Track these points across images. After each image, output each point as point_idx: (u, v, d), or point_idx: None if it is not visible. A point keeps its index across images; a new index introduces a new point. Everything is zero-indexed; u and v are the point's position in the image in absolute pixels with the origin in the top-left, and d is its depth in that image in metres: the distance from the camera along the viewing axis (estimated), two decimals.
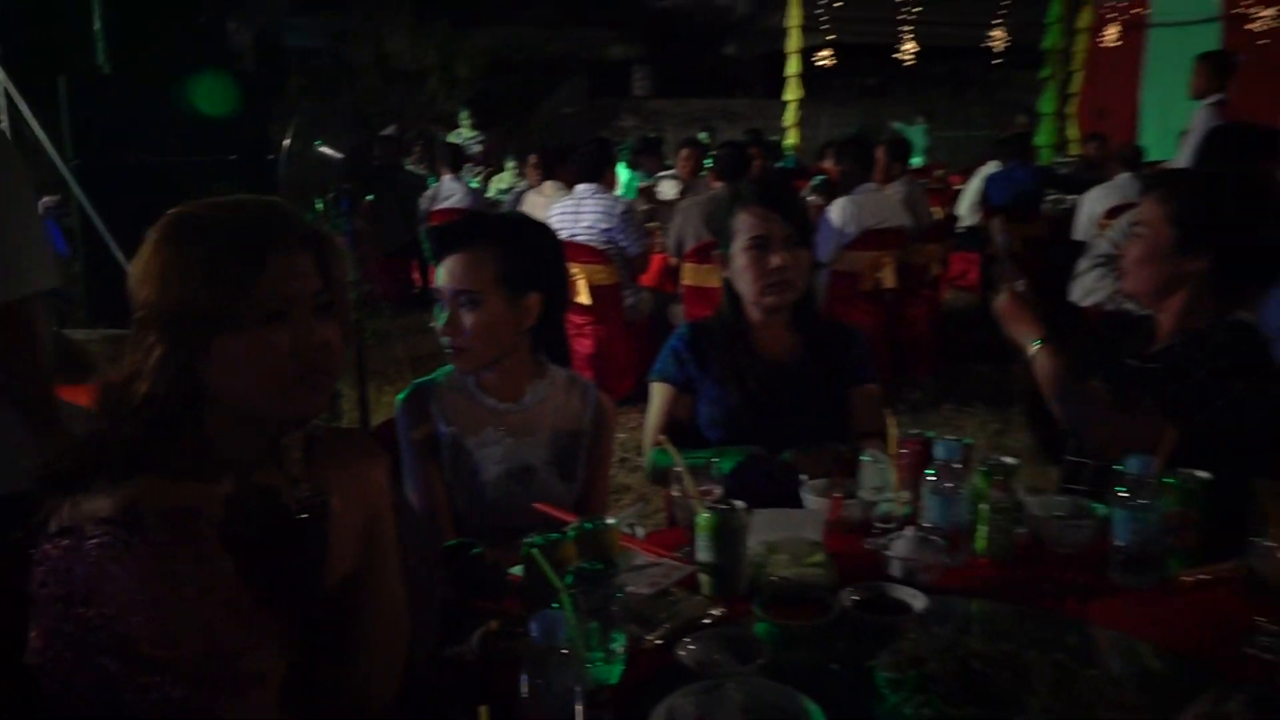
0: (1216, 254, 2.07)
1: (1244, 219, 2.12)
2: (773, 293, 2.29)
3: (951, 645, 1.35)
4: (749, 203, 2.32)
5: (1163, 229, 2.08)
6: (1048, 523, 1.82)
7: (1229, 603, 1.58)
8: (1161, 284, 2.11)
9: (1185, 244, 2.06)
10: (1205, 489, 1.69)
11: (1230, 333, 2.02)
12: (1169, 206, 2.09)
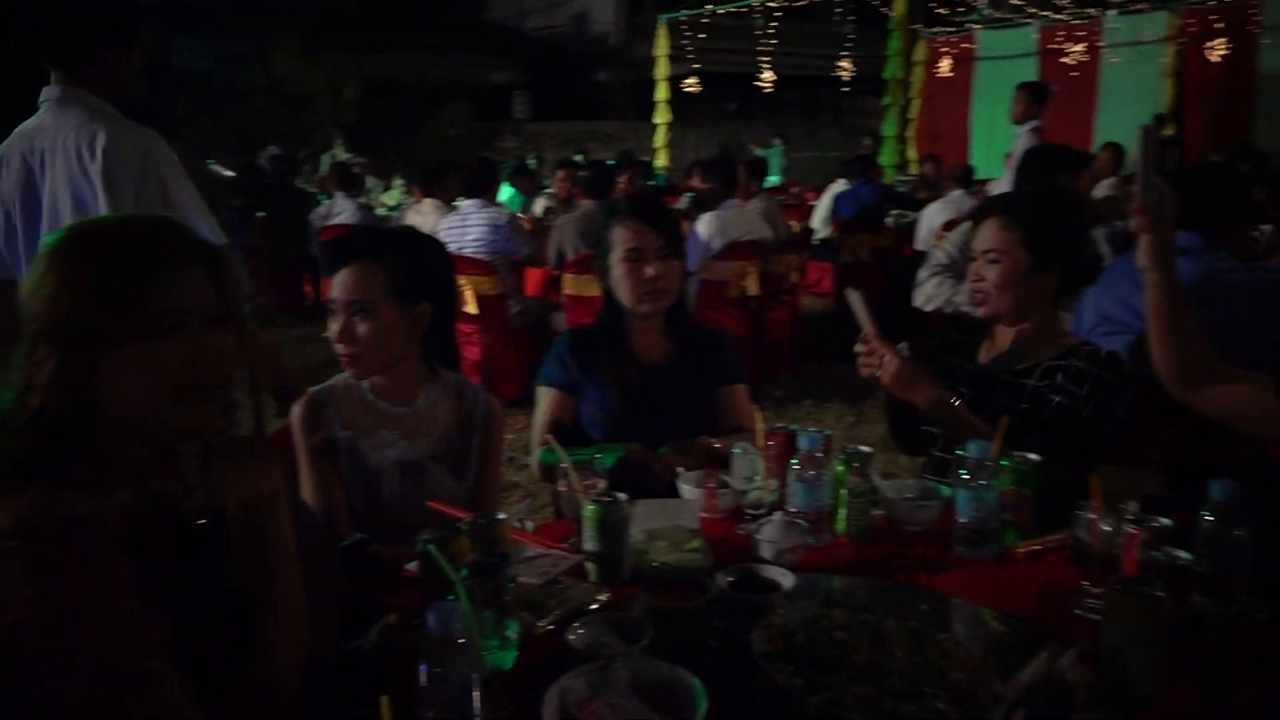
0: (1064, 268, 2.18)
1: (1076, 231, 2.24)
2: (648, 300, 2.30)
3: (817, 619, 1.38)
4: (625, 217, 2.33)
5: (1018, 253, 2.16)
6: (899, 504, 1.87)
7: (1059, 570, 1.66)
8: (1023, 304, 2.19)
9: (1039, 264, 2.16)
10: (1036, 470, 1.76)
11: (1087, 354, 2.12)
12: (1018, 232, 2.17)
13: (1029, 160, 3.55)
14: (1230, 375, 1.93)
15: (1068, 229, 2.23)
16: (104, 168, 2.36)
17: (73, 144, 2.39)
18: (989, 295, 2.21)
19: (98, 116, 2.42)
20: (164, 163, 2.44)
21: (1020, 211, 2.21)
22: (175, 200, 2.41)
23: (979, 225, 2.27)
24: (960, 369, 2.29)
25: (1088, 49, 12.88)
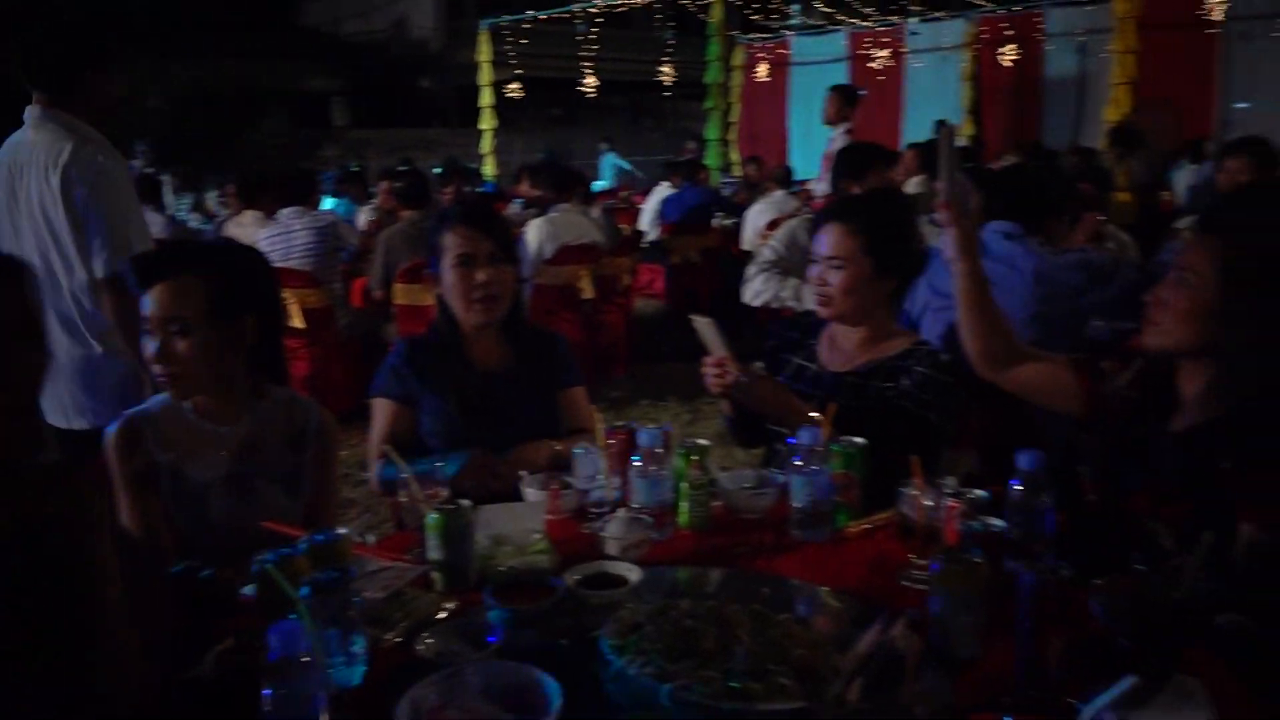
0: (902, 270, 2.29)
1: (912, 235, 2.35)
2: (480, 306, 2.29)
3: (665, 609, 1.41)
4: (456, 223, 2.31)
5: (861, 259, 2.24)
6: (737, 494, 1.93)
7: (887, 545, 1.75)
8: (866, 307, 2.28)
9: (880, 269, 2.25)
10: (863, 453, 1.86)
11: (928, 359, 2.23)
12: (860, 238, 2.24)
13: (842, 159, 3.73)
14: (1032, 355, 2.09)
15: (905, 234, 2.33)
16: (61, 180, 2.60)
17: (42, 159, 2.63)
18: (833, 299, 2.27)
19: (68, 135, 2.64)
20: (113, 178, 2.67)
21: (861, 218, 2.27)
22: (110, 211, 2.63)
23: (820, 229, 2.32)
24: (803, 369, 2.38)
25: (893, 54, 13.59)
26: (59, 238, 2.63)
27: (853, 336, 2.33)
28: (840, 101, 6.53)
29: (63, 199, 2.60)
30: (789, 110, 14.90)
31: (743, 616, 1.36)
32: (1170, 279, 1.81)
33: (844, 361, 2.32)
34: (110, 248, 2.60)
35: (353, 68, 22.90)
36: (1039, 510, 1.57)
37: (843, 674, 1.27)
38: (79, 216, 2.60)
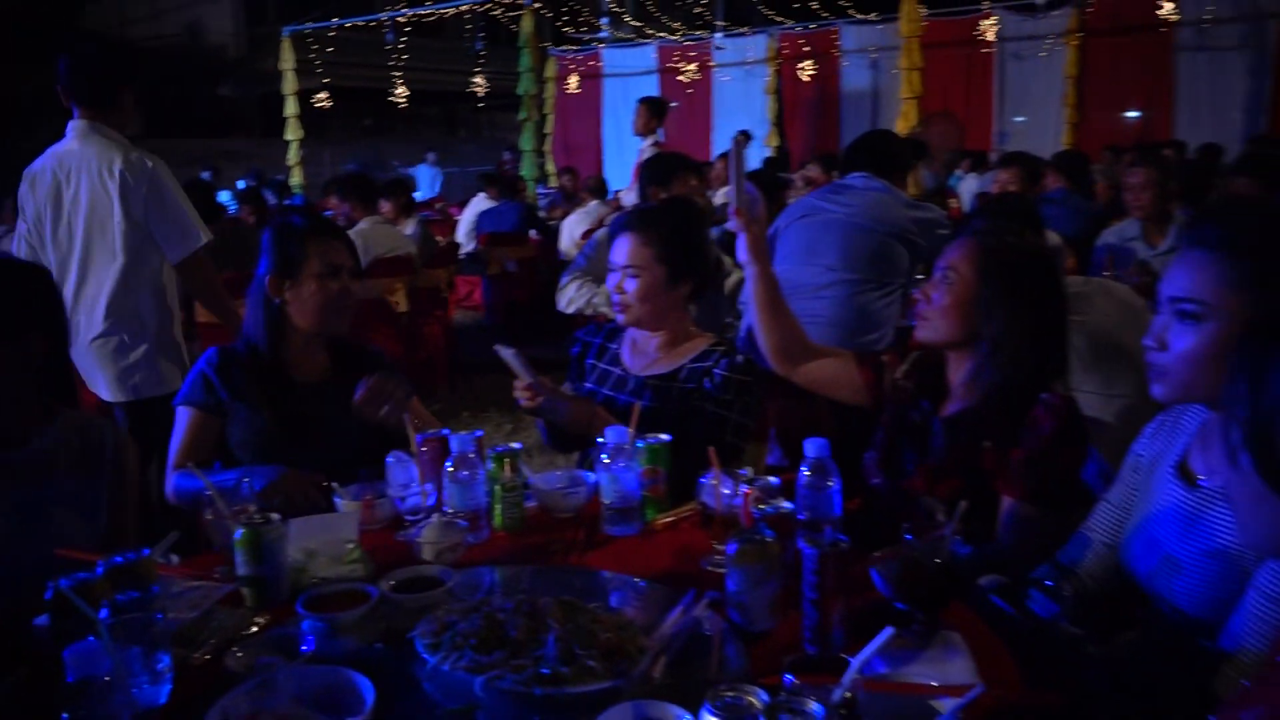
0: (695, 277, 2.39)
1: (702, 243, 2.46)
2: (340, 316, 2.31)
3: (476, 606, 1.46)
4: (320, 235, 2.31)
5: (655, 267, 2.32)
6: (550, 494, 2.00)
7: (692, 534, 1.86)
8: (662, 312, 2.36)
9: (674, 276, 2.34)
10: (668, 449, 1.96)
11: (725, 361, 2.32)
12: (654, 247, 2.32)
13: (648, 169, 3.86)
14: (821, 352, 2.26)
15: (696, 242, 2.43)
16: (120, 184, 3.10)
17: (95, 166, 3.12)
18: (631, 306, 2.36)
19: (114, 145, 3.17)
20: (165, 179, 3.16)
21: (655, 227, 2.36)
22: (170, 207, 3.16)
23: (616, 239, 2.40)
24: (608, 373, 2.46)
25: (700, 68, 14.03)
26: (106, 232, 3.12)
27: (653, 340, 2.42)
28: (648, 113, 6.72)
29: (119, 200, 3.09)
30: (603, 121, 15.13)
31: (553, 606, 1.42)
32: (936, 279, 2.00)
33: (646, 364, 2.41)
34: (179, 234, 3.16)
35: (144, 73, 21.62)
36: (826, 492, 1.71)
37: (649, 652, 1.35)
38: (137, 214, 3.11)
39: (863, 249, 3.44)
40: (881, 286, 3.45)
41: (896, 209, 3.53)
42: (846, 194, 3.59)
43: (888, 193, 3.57)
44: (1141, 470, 1.70)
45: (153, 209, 3.12)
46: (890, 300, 3.47)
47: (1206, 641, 1.44)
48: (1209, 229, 1.46)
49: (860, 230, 3.46)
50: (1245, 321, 1.41)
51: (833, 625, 1.40)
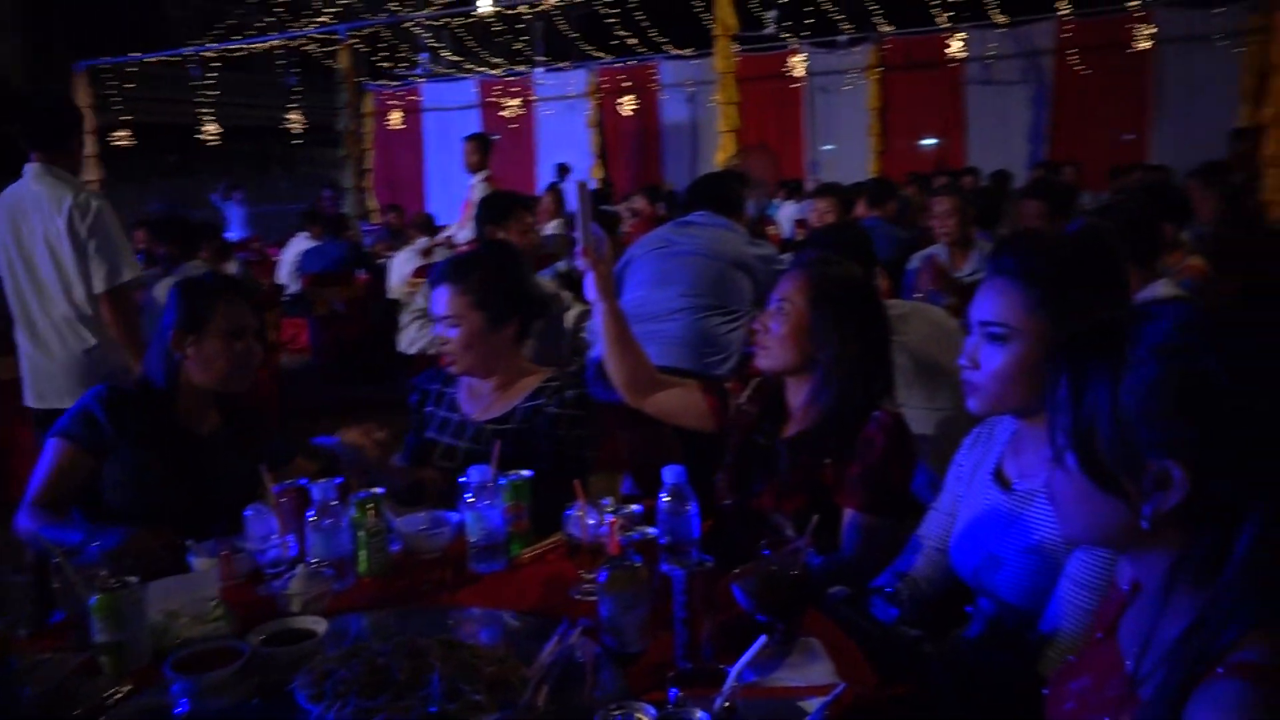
0: (519, 317, 2.44)
1: (521, 282, 2.48)
2: (242, 377, 2.31)
3: (355, 651, 1.48)
4: (232, 295, 2.32)
5: (473, 315, 2.34)
6: (414, 537, 2.01)
7: (559, 565, 1.92)
8: (489, 358, 2.39)
9: (494, 320, 2.36)
10: (530, 485, 2.02)
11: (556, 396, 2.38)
12: (470, 296, 2.35)
13: (485, 207, 3.92)
14: (668, 382, 2.37)
15: (513, 283, 2.45)
16: (66, 221, 3.46)
17: (46, 205, 3.49)
18: (457, 355, 2.38)
19: (64, 184, 3.53)
20: (104, 216, 3.51)
21: (468, 276, 2.37)
22: (107, 241, 3.49)
23: (434, 291, 2.41)
24: (448, 421, 2.48)
25: (523, 102, 14.17)
26: (62, 264, 3.50)
27: (487, 384, 2.45)
28: (478, 149, 6.77)
29: (68, 234, 3.46)
30: (425, 156, 15.05)
31: (433, 646, 1.46)
32: (773, 309, 2.15)
33: (483, 409, 2.44)
34: (110, 266, 3.49)
35: None
36: (684, 516, 1.81)
37: (530, 682, 1.41)
38: (83, 246, 3.47)
39: (709, 277, 3.63)
40: (726, 313, 3.64)
41: (739, 243, 3.74)
42: (692, 229, 3.77)
43: (729, 229, 3.76)
44: (964, 478, 1.88)
45: (92, 241, 3.48)
46: (734, 326, 3.66)
47: (1029, 629, 1.62)
48: (1008, 259, 1.65)
49: (707, 260, 3.65)
50: (1044, 341, 1.60)
51: (703, 641, 1.50)
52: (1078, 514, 1.07)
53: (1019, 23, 11.98)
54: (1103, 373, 1.02)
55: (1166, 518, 0.99)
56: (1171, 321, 1.00)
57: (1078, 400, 1.03)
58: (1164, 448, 0.98)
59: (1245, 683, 0.91)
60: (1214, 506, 0.97)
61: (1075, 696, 1.18)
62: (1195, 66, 11.34)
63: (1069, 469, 1.05)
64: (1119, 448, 1.00)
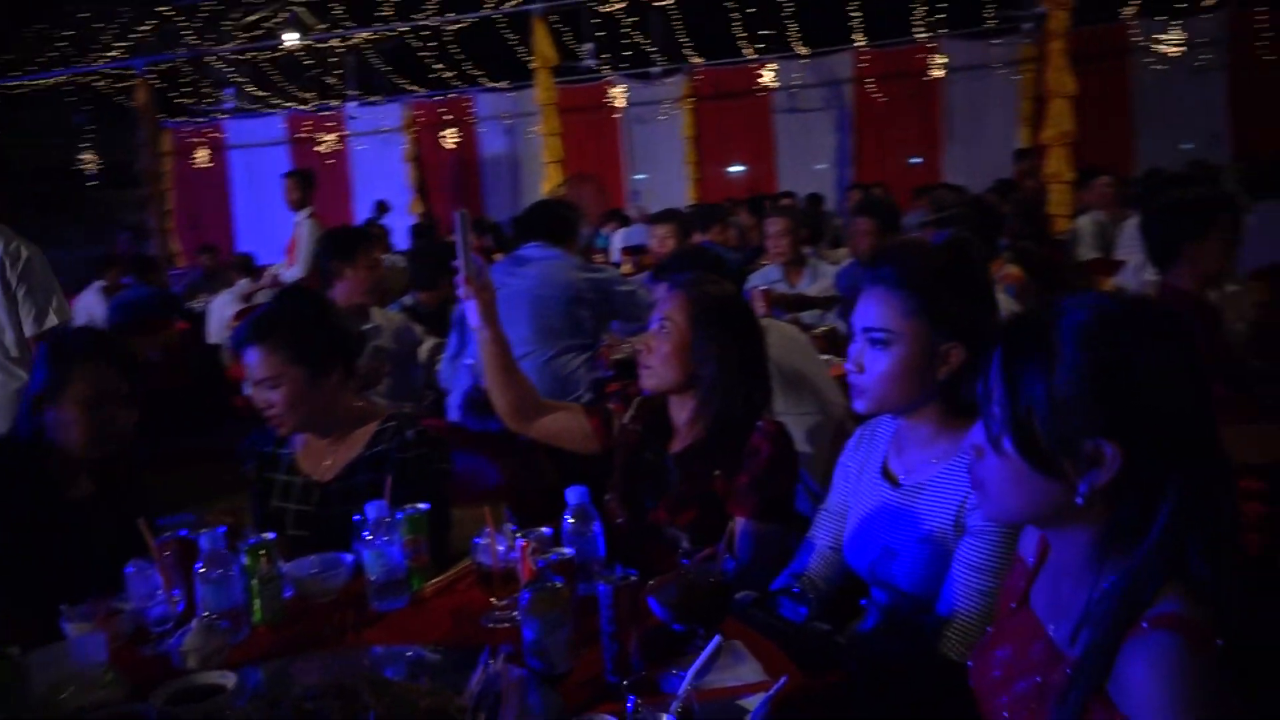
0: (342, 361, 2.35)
1: (335, 328, 2.38)
2: (102, 447, 2.19)
3: (275, 700, 1.43)
4: (93, 358, 2.18)
5: (292, 371, 2.23)
6: (306, 580, 1.95)
7: (464, 596, 1.90)
8: (320, 410, 2.29)
9: (316, 372, 2.26)
10: (426, 517, 1.99)
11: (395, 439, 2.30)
12: (284, 352, 2.23)
13: (330, 244, 3.82)
14: (552, 406, 2.39)
15: (325, 328, 2.35)
16: None
17: None
18: (284, 417, 2.26)
19: None
20: (36, 263, 3.71)
21: (276, 332, 2.25)
22: (36, 288, 3.69)
23: (243, 353, 2.28)
24: (289, 485, 2.35)
25: (338, 137, 13.86)
26: None
27: (324, 440, 2.36)
28: (300, 186, 6.57)
29: None
30: (232, 195, 14.46)
31: (362, 684, 1.43)
32: (654, 330, 2.21)
33: (326, 467, 2.33)
34: (39, 312, 3.69)
35: None
36: (591, 536, 1.84)
37: (468, 709, 1.40)
38: (13, 292, 3.67)
39: (549, 317, 3.66)
40: (572, 350, 3.69)
41: (571, 273, 3.79)
42: (525, 265, 3.79)
43: (562, 259, 3.82)
44: (851, 478, 1.98)
45: (21, 287, 3.68)
46: (583, 359, 3.70)
47: (925, 615, 1.73)
48: (887, 269, 1.77)
49: (543, 300, 3.69)
50: (923, 344, 1.73)
51: (631, 653, 1.52)
52: (1014, 495, 1.16)
53: (820, 54, 12.67)
54: (1036, 364, 1.12)
55: (1098, 492, 1.10)
56: (1092, 314, 1.12)
57: (1014, 391, 1.13)
58: (1096, 428, 1.09)
59: (1169, 632, 1.02)
60: (1139, 479, 1.08)
61: (1001, 664, 1.28)
62: (979, 93, 12.31)
63: (1006, 454, 1.14)
64: (1056, 431, 1.11)
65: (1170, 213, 2.96)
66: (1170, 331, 1.11)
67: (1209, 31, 11.41)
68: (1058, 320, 1.13)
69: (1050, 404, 1.10)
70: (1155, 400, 1.08)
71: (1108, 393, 1.08)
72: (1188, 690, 0.99)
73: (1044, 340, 1.12)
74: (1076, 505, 1.11)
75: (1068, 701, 1.08)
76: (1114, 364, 1.09)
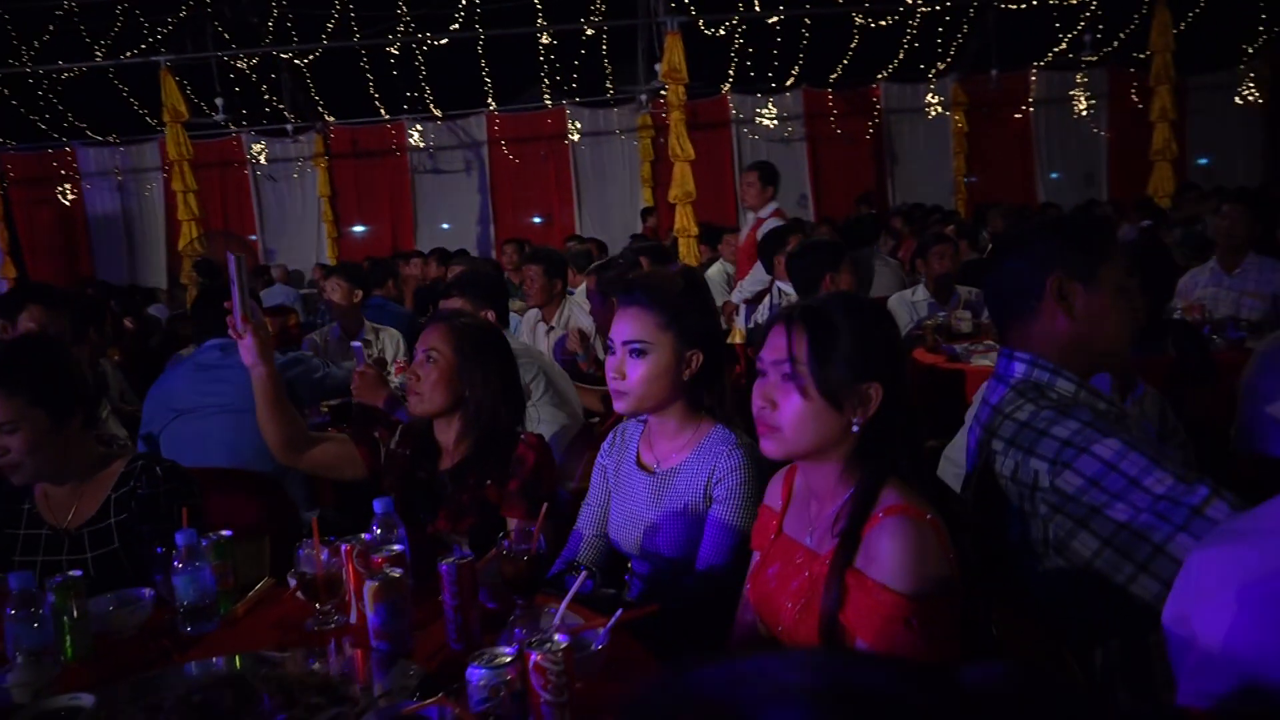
0: (75, 404, 2.34)
1: (56, 369, 2.34)
2: None
3: (158, 704, 1.55)
4: None
5: (31, 414, 2.21)
6: (109, 617, 1.99)
7: (276, 610, 2.05)
8: (58, 458, 2.29)
9: (56, 420, 2.26)
10: (228, 543, 2.11)
11: (146, 475, 2.36)
12: (23, 394, 2.21)
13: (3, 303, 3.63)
14: (322, 439, 2.56)
15: (66, 370, 2.36)
16: None
17: None
18: (22, 463, 2.25)
19: None
20: None
21: (12, 375, 2.23)
22: None
23: None
24: (35, 538, 2.34)
25: None
26: None
27: (64, 487, 2.37)
28: None
29: None
30: None
31: (246, 671, 1.58)
32: (420, 359, 2.47)
33: (71, 513, 2.35)
34: None
35: None
36: (397, 539, 2.07)
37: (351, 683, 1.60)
38: None
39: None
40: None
41: None
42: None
43: None
44: (609, 474, 2.37)
45: None
46: None
47: (685, 575, 2.14)
48: (638, 293, 2.19)
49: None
50: (672, 351, 2.16)
51: (472, 623, 1.80)
52: (812, 428, 1.60)
53: (455, 115, 13.18)
54: (831, 333, 1.57)
55: (864, 425, 1.57)
56: (843, 300, 1.61)
57: (822, 350, 1.57)
58: (867, 373, 1.56)
59: (897, 516, 1.51)
60: (885, 413, 1.57)
61: (774, 577, 1.72)
62: (604, 156, 13.45)
63: (811, 397, 1.58)
64: (846, 377, 1.56)
65: (812, 252, 3.72)
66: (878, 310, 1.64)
67: (790, 107, 13.39)
68: (832, 304, 1.61)
69: (845, 358, 1.57)
70: (877, 354, 1.59)
71: (877, 350, 1.57)
72: (917, 548, 1.48)
73: (828, 318, 1.59)
74: (851, 434, 1.58)
75: (831, 578, 1.54)
76: (870, 331, 1.58)
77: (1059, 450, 1.62)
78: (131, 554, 2.27)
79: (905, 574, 1.48)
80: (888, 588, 1.47)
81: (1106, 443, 1.59)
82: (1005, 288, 1.82)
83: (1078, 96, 13.43)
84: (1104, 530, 1.57)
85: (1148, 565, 1.53)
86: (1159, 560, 1.53)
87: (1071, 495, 1.60)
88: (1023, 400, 1.73)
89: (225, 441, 3.35)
